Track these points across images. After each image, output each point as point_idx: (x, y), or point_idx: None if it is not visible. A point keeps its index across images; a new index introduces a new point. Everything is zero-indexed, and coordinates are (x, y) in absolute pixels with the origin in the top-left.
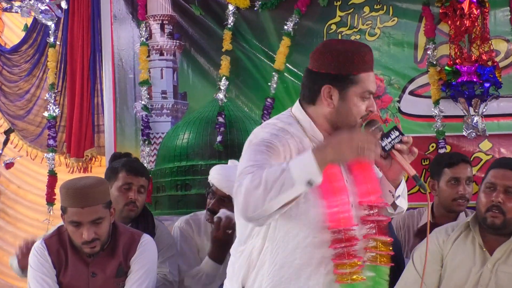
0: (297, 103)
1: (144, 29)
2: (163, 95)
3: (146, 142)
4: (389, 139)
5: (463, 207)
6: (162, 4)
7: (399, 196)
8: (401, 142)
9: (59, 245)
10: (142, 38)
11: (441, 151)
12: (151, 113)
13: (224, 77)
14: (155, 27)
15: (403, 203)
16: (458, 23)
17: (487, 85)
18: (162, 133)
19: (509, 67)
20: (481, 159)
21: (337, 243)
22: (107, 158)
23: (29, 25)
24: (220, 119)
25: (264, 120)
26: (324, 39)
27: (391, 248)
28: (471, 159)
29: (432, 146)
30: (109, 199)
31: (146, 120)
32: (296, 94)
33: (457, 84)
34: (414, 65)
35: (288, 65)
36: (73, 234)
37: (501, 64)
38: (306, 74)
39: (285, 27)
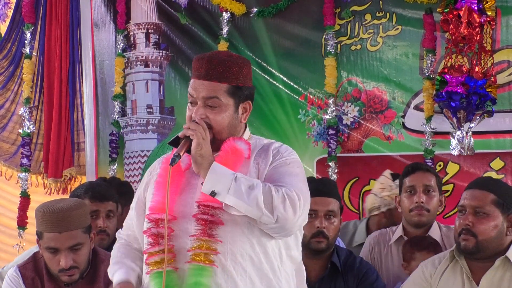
0: None
1: (121, 38)
2: (149, 110)
3: (116, 161)
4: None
5: (423, 217)
6: (146, 12)
7: (214, 193)
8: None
9: (34, 273)
10: (119, 49)
11: None
12: (121, 130)
13: None
14: (139, 36)
15: (233, 202)
16: (454, 31)
17: (474, 98)
18: (148, 151)
19: None
20: None
21: (150, 231)
22: (88, 178)
23: (3, 34)
24: None
25: None
26: (322, 49)
27: (216, 249)
28: None
29: (440, 165)
30: (89, 223)
31: (116, 137)
32: (291, 107)
33: (442, 94)
34: (419, 77)
35: (282, 77)
36: (50, 261)
37: None
38: None
39: (328, 48)
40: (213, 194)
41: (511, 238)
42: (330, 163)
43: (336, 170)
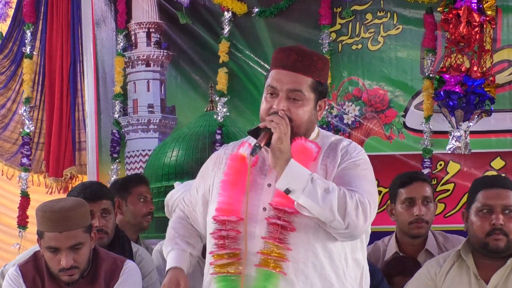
0: None
1: (121, 38)
2: (150, 109)
3: (117, 160)
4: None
5: (422, 229)
6: (147, 11)
7: (288, 190)
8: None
9: (35, 272)
10: (119, 49)
11: (425, 171)
12: (122, 130)
13: (221, 92)
14: (141, 35)
15: (307, 203)
16: (453, 30)
17: (472, 97)
18: (149, 150)
19: None
20: None
21: (218, 233)
22: (89, 178)
23: (4, 34)
24: (218, 136)
25: None
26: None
27: (286, 256)
28: None
29: (440, 165)
30: (90, 223)
31: (115, 137)
32: None
33: (440, 94)
34: (420, 77)
35: None
36: (50, 261)
37: None
38: None
39: (322, 48)
40: (287, 191)
41: None
42: None
43: None
